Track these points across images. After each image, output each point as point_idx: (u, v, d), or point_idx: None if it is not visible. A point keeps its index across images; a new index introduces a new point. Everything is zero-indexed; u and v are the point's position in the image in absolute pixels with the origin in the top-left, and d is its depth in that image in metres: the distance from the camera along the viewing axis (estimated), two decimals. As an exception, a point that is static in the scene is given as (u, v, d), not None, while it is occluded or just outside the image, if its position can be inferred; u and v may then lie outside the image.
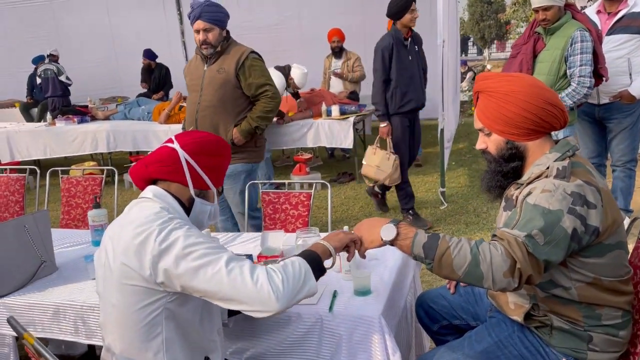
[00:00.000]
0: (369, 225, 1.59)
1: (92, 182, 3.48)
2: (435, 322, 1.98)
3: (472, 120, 8.42)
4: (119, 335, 1.40)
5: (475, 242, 1.42)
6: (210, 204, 1.62)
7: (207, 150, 1.57)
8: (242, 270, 1.33)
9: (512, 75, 1.62)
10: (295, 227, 2.92)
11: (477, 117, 1.64)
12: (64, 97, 8.11)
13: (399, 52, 4.21)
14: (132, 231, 1.40)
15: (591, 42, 3.30)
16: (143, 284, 1.36)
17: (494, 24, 20.04)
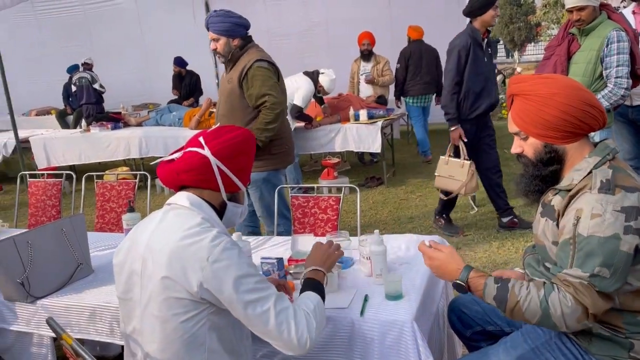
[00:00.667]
0: (444, 264, 1.59)
1: (126, 186, 3.56)
2: (468, 327, 1.95)
3: (501, 124, 8.34)
4: (162, 347, 1.40)
5: (544, 294, 1.41)
6: (241, 206, 1.64)
7: (236, 152, 1.56)
8: (287, 320, 1.38)
9: (549, 76, 1.58)
10: (324, 231, 2.92)
11: (513, 120, 1.59)
12: (97, 105, 8.31)
13: (475, 54, 3.92)
14: (176, 243, 1.40)
15: (628, 42, 3.22)
16: (188, 297, 1.37)
17: (523, 26, 19.70)
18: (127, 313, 1.52)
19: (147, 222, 1.56)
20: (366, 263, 1.93)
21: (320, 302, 1.51)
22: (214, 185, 1.53)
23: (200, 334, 1.39)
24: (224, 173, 1.53)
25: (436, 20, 8.25)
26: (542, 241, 1.56)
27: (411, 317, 1.62)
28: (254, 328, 1.40)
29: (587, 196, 1.41)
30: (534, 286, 1.45)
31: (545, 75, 1.59)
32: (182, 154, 1.56)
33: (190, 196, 1.52)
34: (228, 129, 1.60)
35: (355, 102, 6.22)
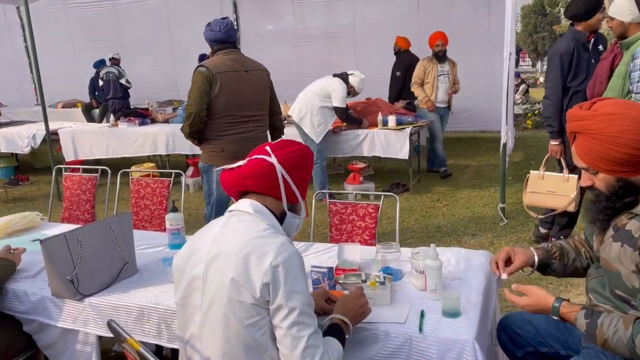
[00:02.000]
0: (536, 307, 1.62)
1: (160, 184, 3.56)
2: (520, 347, 1.91)
3: (527, 134, 8.27)
4: (224, 351, 1.40)
5: (631, 334, 1.40)
6: (298, 217, 1.65)
7: (300, 164, 1.60)
8: (313, 357, 1.37)
9: (613, 112, 1.48)
10: (361, 238, 2.89)
11: (579, 157, 1.55)
12: (124, 100, 8.37)
13: (579, 57, 3.68)
14: (244, 245, 1.40)
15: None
16: (252, 301, 1.36)
17: (547, 36, 19.52)
18: (185, 319, 1.51)
19: (208, 228, 1.57)
20: (419, 277, 1.89)
21: (341, 356, 1.49)
22: (276, 192, 1.56)
23: (262, 341, 1.39)
24: (287, 182, 1.56)
25: (464, 24, 8.20)
26: (615, 267, 1.51)
27: (472, 337, 1.58)
28: (281, 344, 1.39)
29: None
30: (622, 324, 1.43)
31: (609, 111, 1.49)
32: (247, 160, 1.60)
33: (254, 203, 1.54)
34: (292, 142, 1.65)
35: (384, 108, 6.19)
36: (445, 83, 6.48)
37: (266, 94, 3.59)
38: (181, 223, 2.52)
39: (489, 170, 6.86)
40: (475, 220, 4.97)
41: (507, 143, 4.82)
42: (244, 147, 3.38)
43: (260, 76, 3.55)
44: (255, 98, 3.50)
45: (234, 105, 3.39)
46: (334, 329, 1.56)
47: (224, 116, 3.38)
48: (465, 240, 4.41)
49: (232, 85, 3.36)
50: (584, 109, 1.55)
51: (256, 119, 3.53)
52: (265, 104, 3.60)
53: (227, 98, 3.36)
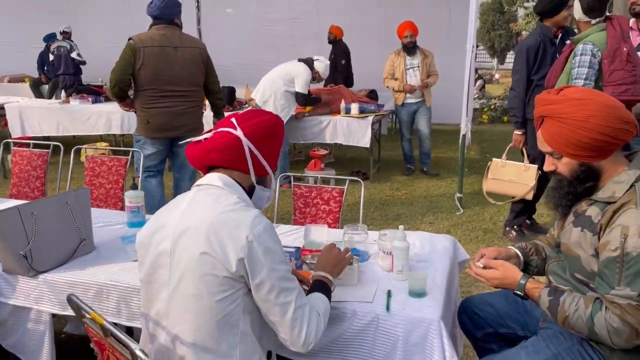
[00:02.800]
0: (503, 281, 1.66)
1: (117, 162, 3.44)
2: (479, 328, 1.95)
3: (483, 128, 8.45)
4: (195, 326, 1.36)
5: (590, 312, 1.45)
6: (268, 190, 1.62)
7: (268, 135, 1.55)
8: (303, 317, 1.40)
9: (582, 97, 1.53)
10: (325, 222, 2.89)
11: (546, 141, 1.58)
12: (75, 76, 8.02)
13: (545, 52, 3.82)
14: (215, 219, 1.36)
15: (592, 56, 3.20)
16: (225, 274, 1.33)
17: (504, 33, 20.05)
18: (150, 296, 1.45)
19: (175, 204, 1.52)
20: (386, 258, 1.91)
21: (329, 306, 1.54)
22: (244, 166, 1.51)
23: (234, 314, 1.37)
24: (254, 155, 1.52)
25: (424, 17, 8.23)
26: (575, 252, 1.56)
27: (438, 316, 1.61)
28: (270, 315, 1.39)
29: (632, 213, 1.41)
30: (583, 303, 1.48)
31: (578, 97, 1.54)
32: (212, 134, 1.53)
33: (222, 176, 1.49)
34: (259, 113, 1.59)
35: (347, 95, 6.20)
36: (415, 77, 5.99)
37: (198, 71, 3.71)
38: (141, 201, 2.44)
39: (447, 161, 7.00)
40: (432, 209, 5.07)
41: (466, 134, 4.92)
42: (170, 121, 3.67)
43: (192, 53, 3.67)
44: (184, 74, 3.64)
45: (156, 80, 3.56)
46: (317, 285, 1.59)
47: (148, 89, 3.58)
48: (423, 228, 4.49)
49: (155, 60, 3.52)
50: (552, 94, 1.58)
51: (184, 95, 3.67)
52: (197, 81, 3.73)
53: (150, 72, 3.53)
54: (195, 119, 3.80)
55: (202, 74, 3.75)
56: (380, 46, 7.89)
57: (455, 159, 5.79)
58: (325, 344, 1.67)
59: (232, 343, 1.36)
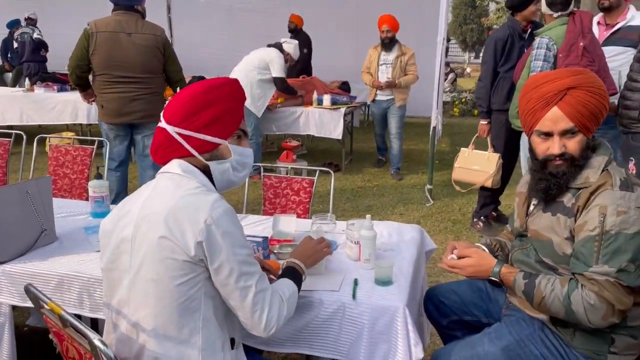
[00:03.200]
0: (477, 269, 1.67)
1: (82, 152, 3.36)
2: (445, 316, 1.98)
3: (454, 121, 8.54)
4: (156, 311, 1.34)
5: (567, 291, 1.47)
6: (227, 160, 1.49)
7: (190, 111, 1.42)
8: (264, 301, 1.38)
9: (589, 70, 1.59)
10: (295, 213, 2.88)
11: (568, 116, 1.51)
12: (40, 63, 7.80)
13: (512, 45, 3.92)
14: (175, 203, 1.34)
15: (547, 49, 3.26)
16: (185, 258, 1.31)
17: (476, 28, 20.30)
18: (112, 284, 1.43)
19: (138, 192, 1.49)
20: (354, 247, 1.91)
21: (296, 293, 1.53)
22: (185, 152, 1.44)
23: (195, 299, 1.35)
24: (188, 137, 1.42)
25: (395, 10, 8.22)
26: (546, 236, 1.59)
27: (404, 303, 1.62)
28: (230, 299, 1.37)
29: (609, 193, 1.45)
30: (558, 283, 1.50)
31: (583, 70, 1.58)
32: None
33: (182, 163, 1.45)
34: (179, 92, 1.49)
35: (319, 86, 6.18)
36: (387, 74, 5.68)
37: (154, 58, 3.73)
38: (105, 191, 2.38)
39: (417, 154, 7.07)
40: (403, 200, 5.11)
41: (436, 126, 4.97)
42: (122, 106, 3.73)
43: (147, 40, 3.69)
44: (138, 61, 3.67)
45: (108, 65, 3.62)
46: (287, 270, 1.59)
47: (101, 74, 3.66)
48: (394, 219, 4.52)
49: (106, 45, 3.58)
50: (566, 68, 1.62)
51: (138, 81, 3.71)
52: (152, 68, 3.74)
53: (102, 57, 3.60)
54: (152, 105, 3.78)
55: (159, 61, 3.75)
56: (354, 39, 7.90)
57: (426, 152, 5.84)
58: (292, 333, 1.67)
59: (193, 328, 1.34)
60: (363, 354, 1.62)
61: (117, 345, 1.40)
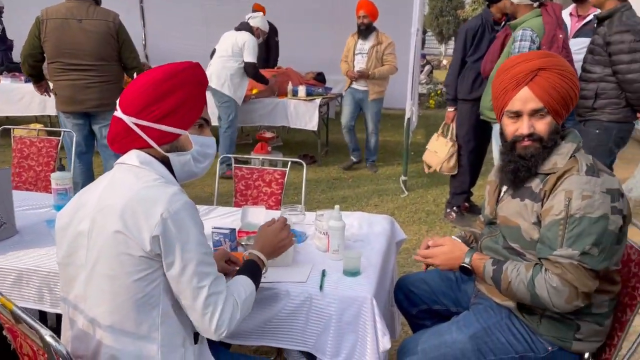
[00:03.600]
0: (449, 257, 1.68)
1: (48, 144, 3.26)
2: (414, 306, 1.98)
3: (429, 113, 8.61)
4: (112, 307, 1.29)
5: (531, 276, 1.48)
6: (188, 152, 1.42)
7: (147, 100, 1.34)
8: (216, 305, 1.32)
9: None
10: (267, 204, 2.85)
11: (537, 96, 1.52)
12: (5, 52, 7.57)
13: (483, 36, 3.97)
14: (131, 196, 1.29)
15: (531, 42, 3.28)
16: (141, 254, 1.26)
17: (452, 20, 20.40)
18: (68, 279, 1.38)
19: (95, 184, 1.43)
20: (322, 238, 1.89)
21: (253, 293, 1.46)
22: (143, 143, 1.37)
23: (154, 295, 1.30)
24: (146, 127, 1.35)
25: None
26: (515, 222, 1.59)
27: (371, 294, 1.61)
28: (181, 297, 1.31)
29: (575, 178, 1.46)
30: (523, 268, 1.51)
31: (555, 55, 1.61)
32: None
33: (140, 154, 1.38)
34: (141, 76, 1.38)
35: (294, 77, 6.13)
36: (362, 64, 5.39)
37: (107, 45, 3.67)
38: (69, 183, 2.32)
39: (393, 145, 7.09)
40: (378, 192, 5.12)
41: (411, 118, 4.98)
42: (74, 94, 3.68)
43: (99, 26, 3.63)
44: (89, 47, 3.62)
45: (59, 52, 3.59)
46: (248, 265, 1.53)
47: (53, 62, 3.63)
48: (369, 211, 4.52)
49: (56, 32, 3.54)
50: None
51: (90, 69, 3.66)
52: (105, 55, 3.68)
53: (52, 44, 3.57)
54: (107, 94, 3.72)
55: (112, 48, 3.68)
56: (330, 30, 7.84)
57: (402, 143, 5.85)
58: (258, 326, 1.64)
59: (152, 325, 1.30)
60: (330, 345, 1.61)
61: (74, 342, 1.36)
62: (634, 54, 3.01)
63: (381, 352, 1.58)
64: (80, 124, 3.74)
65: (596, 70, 3.21)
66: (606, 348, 1.66)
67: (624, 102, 3.16)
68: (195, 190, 5.00)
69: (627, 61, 3.03)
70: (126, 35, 3.75)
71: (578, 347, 1.56)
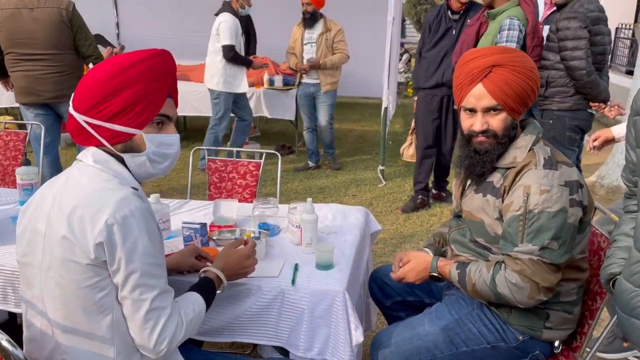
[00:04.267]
0: (417, 271, 1.68)
1: (15, 137, 3.17)
2: (388, 297, 1.98)
3: (407, 102, 8.58)
4: (65, 313, 1.25)
5: (492, 275, 1.49)
6: (142, 153, 1.32)
7: (101, 97, 1.25)
8: (157, 321, 1.25)
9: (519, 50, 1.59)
10: (242, 197, 2.82)
11: (490, 93, 1.50)
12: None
13: (439, 26, 3.99)
14: (78, 201, 1.23)
15: (519, 31, 3.27)
16: (87, 262, 1.21)
17: (430, 8, 20.38)
18: (27, 279, 1.33)
19: (54, 180, 1.36)
20: (295, 231, 1.87)
21: (202, 313, 1.39)
22: (97, 141, 1.30)
23: (105, 303, 1.24)
24: (97, 126, 1.27)
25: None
26: (478, 217, 1.59)
27: (343, 287, 1.59)
28: (123, 306, 1.25)
29: (533, 172, 1.46)
30: (485, 268, 1.52)
31: (515, 49, 1.59)
32: None
33: (96, 153, 1.30)
34: (93, 71, 1.29)
35: (271, 67, 6.06)
36: (312, 54, 4.98)
37: (60, 34, 3.59)
38: (35, 178, 2.25)
39: (372, 135, 7.08)
40: (356, 181, 5.11)
41: (388, 107, 4.97)
42: (30, 84, 3.61)
43: (51, 14, 3.55)
44: (41, 36, 3.54)
45: (13, 43, 3.54)
46: (204, 282, 1.46)
47: (8, 53, 3.59)
48: (347, 201, 4.52)
49: (8, 22, 3.50)
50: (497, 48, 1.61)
51: (44, 58, 3.59)
52: (58, 43, 3.60)
53: (5, 35, 3.53)
54: (65, 85, 3.64)
55: (66, 36, 3.60)
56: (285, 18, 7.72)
57: (380, 132, 5.85)
58: (229, 321, 1.62)
59: (106, 330, 1.25)
60: (303, 339, 1.59)
61: (30, 343, 1.31)
62: (577, 41, 3.03)
63: (354, 345, 1.58)
64: (42, 114, 3.66)
65: (549, 57, 3.23)
66: (577, 336, 1.68)
67: (573, 90, 3.16)
68: (171, 183, 4.93)
69: (571, 47, 3.06)
70: (81, 22, 3.66)
71: (548, 336, 1.57)
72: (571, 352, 1.68)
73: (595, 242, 1.73)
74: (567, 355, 1.66)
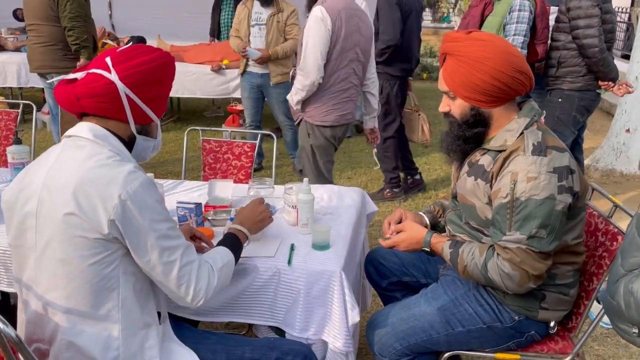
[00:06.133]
0: (410, 242, 1.67)
1: (7, 116, 3.12)
2: (384, 278, 1.98)
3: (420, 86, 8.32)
4: (68, 292, 1.23)
5: (484, 260, 1.48)
6: (153, 140, 1.44)
7: (150, 79, 1.33)
8: (190, 274, 1.31)
9: (485, 39, 1.52)
10: (237, 178, 2.80)
11: (444, 79, 1.57)
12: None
13: (400, 8, 3.73)
14: (84, 176, 1.21)
15: (530, 12, 3.24)
16: (97, 236, 1.20)
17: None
18: (20, 261, 1.31)
19: (43, 159, 1.33)
20: (291, 212, 1.86)
21: (231, 262, 1.46)
22: (121, 115, 1.32)
23: (112, 278, 1.25)
24: (133, 102, 1.32)
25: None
26: (470, 200, 1.58)
27: (339, 268, 1.59)
28: (153, 275, 1.29)
29: (521, 159, 1.44)
30: (478, 251, 1.51)
31: (481, 37, 1.53)
32: (85, 74, 1.31)
33: (94, 127, 1.30)
34: (142, 51, 1.35)
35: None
36: (261, 37, 4.12)
37: (44, 4, 3.62)
38: (27, 157, 2.22)
39: (367, 117, 7.03)
40: (351, 164, 5.10)
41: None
42: (29, 54, 3.81)
43: None
44: (31, 7, 3.66)
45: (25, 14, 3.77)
46: (226, 238, 1.53)
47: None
48: (342, 183, 4.50)
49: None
50: (462, 33, 1.56)
51: (33, 29, 3.71)
52: (41, 14, 3.65)
53: (24, 7, 3.77)
54: (46, 56, 3.65)
55: (48, 6, 3.60)
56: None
57: (374, 115, 5.81)
58: (226, 301, 1.61)
59: (112, 307, 1.25)
60: (299, 319, 1.59)
61: (28, 326, 1.30)
62: (590, 19, 3.03)
63: (350, 325, 1.57)
64: (47, 86, 3.79)
65: (560, 37, 3.24)
66: (573, 316, 1.69)
67: (585, 70, 3.19)
68: (165, 164, 4.89)
69: (583, 26, 3.06)
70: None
71: (544, 316, 1.57)
72: (566, 332, 1.68)
73: (593, 223, 1.73)
74: (563, 335, 1.67)
